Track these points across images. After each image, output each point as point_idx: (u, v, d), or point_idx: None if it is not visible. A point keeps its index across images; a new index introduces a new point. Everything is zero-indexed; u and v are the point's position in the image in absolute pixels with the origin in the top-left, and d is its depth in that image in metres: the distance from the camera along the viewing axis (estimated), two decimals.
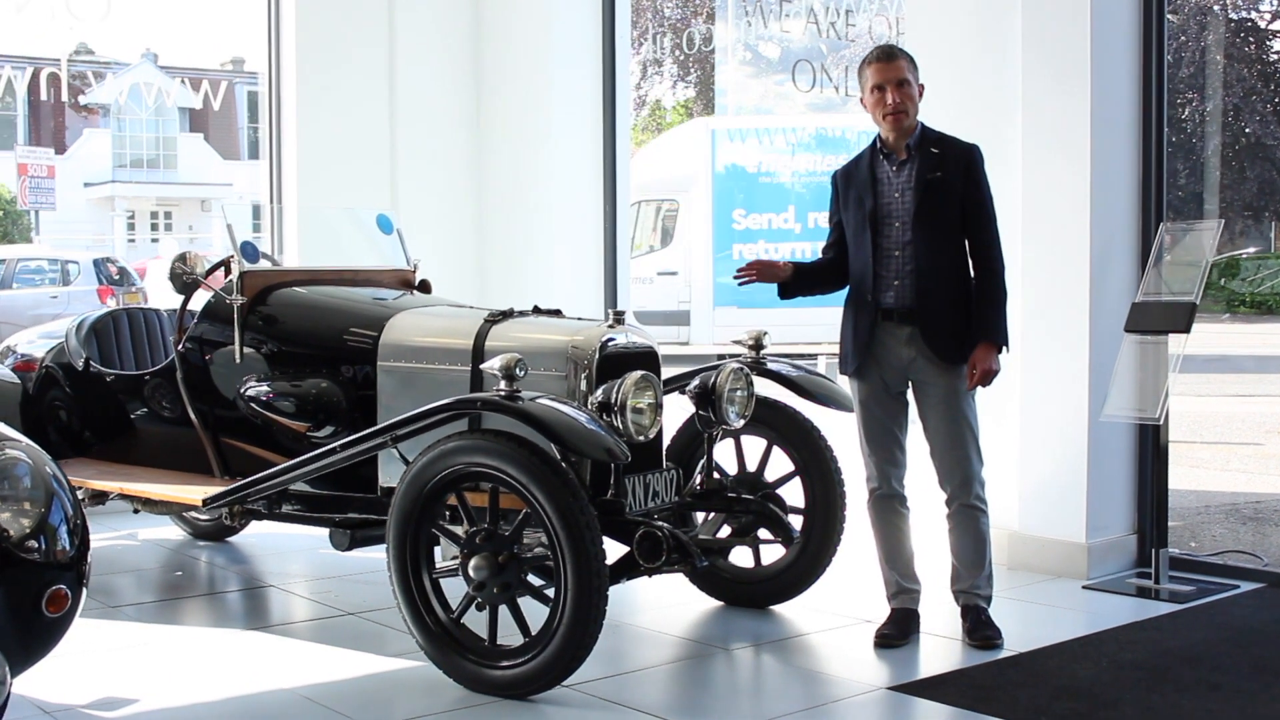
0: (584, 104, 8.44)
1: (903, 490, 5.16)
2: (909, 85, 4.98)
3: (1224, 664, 4.70)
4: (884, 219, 5.03)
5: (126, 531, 7.10)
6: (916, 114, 5.03)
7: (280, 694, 4.44)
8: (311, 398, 5.22)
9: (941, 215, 4.95)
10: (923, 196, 4.94)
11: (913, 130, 5.02)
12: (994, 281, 4.96)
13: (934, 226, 4.95)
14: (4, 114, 34.19)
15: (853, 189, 5.13)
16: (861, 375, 5.09)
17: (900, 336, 4.99)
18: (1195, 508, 8.11)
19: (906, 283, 4.97)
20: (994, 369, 4.88)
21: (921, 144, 5.01)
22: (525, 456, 4.22)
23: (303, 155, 8.17)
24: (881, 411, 5.09)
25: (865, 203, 5.05)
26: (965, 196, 4.97)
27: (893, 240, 5.01)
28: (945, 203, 4.95)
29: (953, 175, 4.95)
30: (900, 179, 5.00)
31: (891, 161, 5.04)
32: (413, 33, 8.44)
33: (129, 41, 41.20)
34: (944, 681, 4.53)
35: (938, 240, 4.95)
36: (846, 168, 5.22)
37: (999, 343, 4.91)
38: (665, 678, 4.70)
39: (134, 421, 5.95)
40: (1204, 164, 14.05)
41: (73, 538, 3.41)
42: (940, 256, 4.96)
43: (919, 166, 4.97)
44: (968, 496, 5.02)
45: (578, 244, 8.42)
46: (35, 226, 28.67)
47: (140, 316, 6.45)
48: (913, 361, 4.99)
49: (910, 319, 4.97)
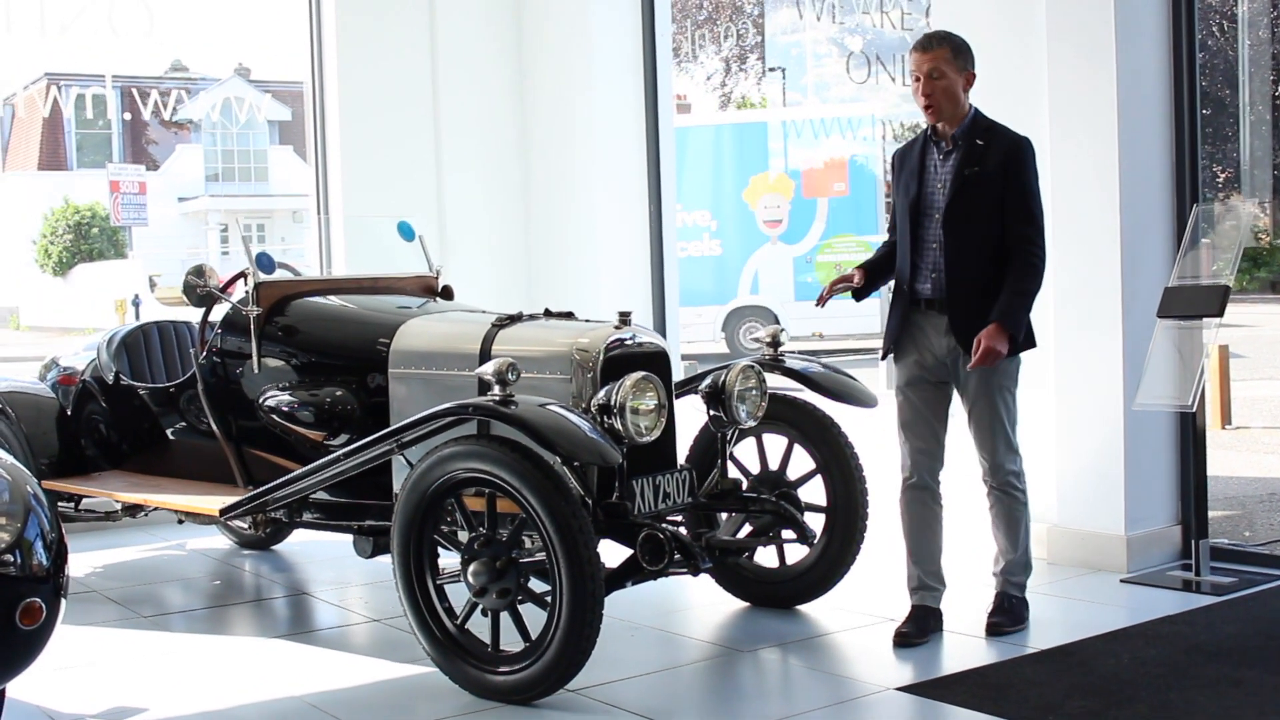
0: (627, 103, 8.41)
1: (936, 484, 5.09)
2: (943, 76, 4.87)
3: (1251, 659, 4.55)
4: (925, 210, 4.98)
5: (175, 541, 7.21)
6: (954, 105, 4.90)
7: (288, 701, 4.47)
8: (326, 406, 5.25)
9: (976, 211, 4.86)
10: (957, 192, 4.87)
11: (960, 119, 4.92)
12: (1024, 272, 4.85)
13: (966, 221, 4.87)
14: (100, 132, 35.01)
15: (904, 173, 5.09)
16: (900, 360, 5.07)
17: (939, 326, 4.95)
18: (1259, 496, 7.89)
19: (941, 276, 4.92)
20: (996, 349, 4.74)
21: (969, 134, 4.91)
22: (518, 461, 4.20)
23: (347, 164, 8.23)
24: (920, 400, 5.03)
25: (911, 190, 5.01)
26: (1006, 190, 4.85)
27: (931, 232, 4.96)
28: (980, 198, 4.85)
29: (992, 169, 4.85)
30: (945, 170, 4.94)
31: (939, 150, 4.98)
32: (454, 39, 8.46)
33: (221, 58, 41.88)
34: (956, 681, 4.44)
35: (969, 235, 4.87)
36: (902, 149, 5.17)
37: (1009, 329, 4.78)
38: (677, 681, 4.66)
39: (164, 433, 6.04)
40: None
41: (49, 552, 3.45)
42: (970, 251, 4.87)
43: (960, 159, 4.89)
44: (998, 482, 4.99)
45: (624, 244, 8.40)
46: (129, 242, 29.37)
47: (171, 329, 6.54)
48: (952, 349, 4.93)
49: (945, 309, 4.91)
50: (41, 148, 35.31)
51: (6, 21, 8.88)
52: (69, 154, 35.66)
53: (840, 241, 19.18)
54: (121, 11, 9.06)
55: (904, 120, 19.16)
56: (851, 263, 19.24)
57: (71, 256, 33.60)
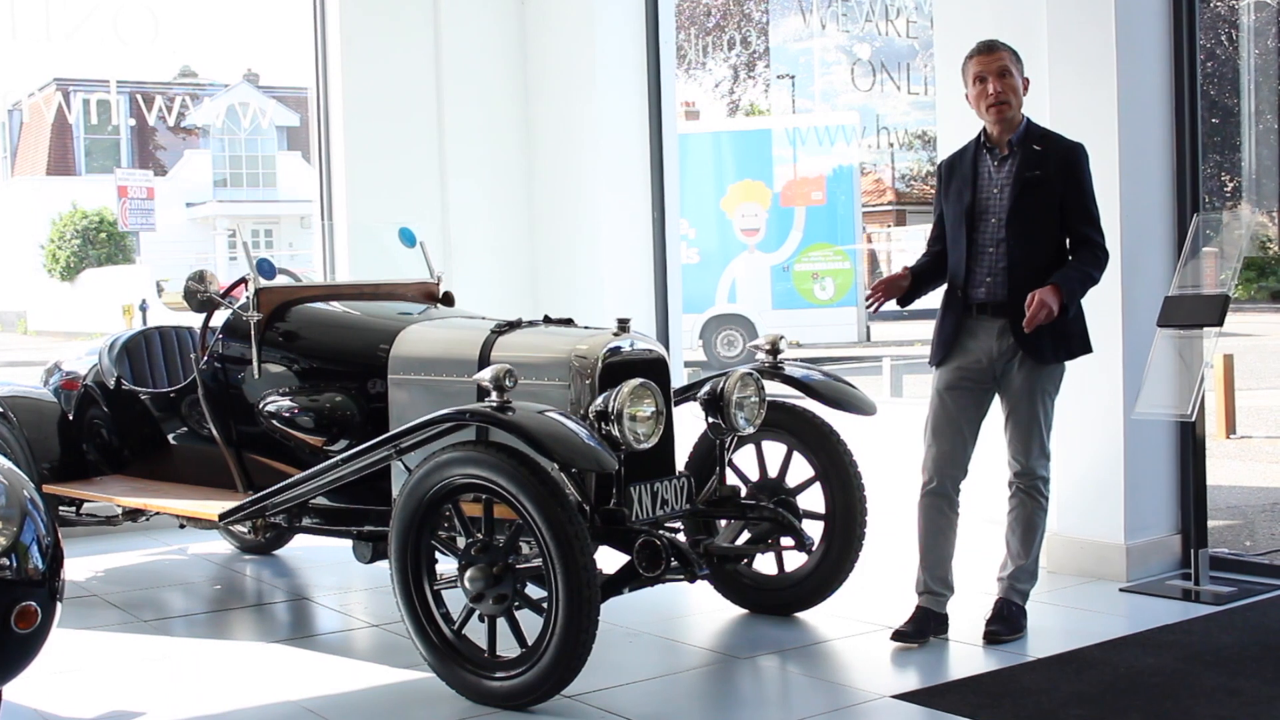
0: (630, 110, 8.43)
1: (956, 493, 5.09)
2: (1011, 76, 4.94)
3: (1248, 669, 4.54)
4: (981, 215, 5.00)
5: (176, 546, 7.22)
6: (1020, 107, 4.98)
7: (284, 706, 4.48)
8: (326, 412, 5.26)
9: (1039, 214, 4.91)
10: (1020, 194, 4.90)
11: (1017, 125, 4.98)
12: (1089, 260, 4.92)
13: (1030, 224, 4.91)
14: (109, 138, 35.09)
15: (954, 181, 5.11)
16: (944, 366, 5.07)
17: (992, 330, 4.96)
18: (1261, 506, 7.88)
19: (999, 280, 4.94)
20: (1049, 305, 4.75)
21: (1025, 140, 4.97)
22: (515, 467, 4.21)
23: (351, 170, 8.24)
24: (955, 406, 5.04)
25: (964, 197, 5.02)
26: (1065, 195, 4.92)
27: (988, 236, 4.98)
28: (1043, 201, 4.91)
29: (1053, 173, 4.91)
30: (1001, 175, 4.97)
31: (994, 156, 5.01)
32: (458, 45, 8.47)
33: (229, 63, 42.01)
34: (954, 688, 4.44)
35: (1034, 238, 4.91)
36: (951, 159, 5.20)
37: (1064, 295, 4.80)
38: (675, 687, 4.65)
39: (165, 438, 6.05)
40: None
41: (44, 556, 3.46)
42: (1035, 254, 4.91)
43: (1019, 164, 4.94)
44: (1026, 483, 5.01)
45: (627, 251, 8.40)
46: (137, 248, 29.41)
47: (172, 335, 6.55)
48: (1004, 353, 4.95)
49: (1002, 312, 4.92)
50: (50, 153, 35.40)
51: (12, 26, 8.93)
52: (77, 159, 35.75)
53: (817, 251, 19.25)
54: (127, 17, 9.10)
55: (908, 128, 19.18)
56: (828, 272, 19.32)
57: (79, 261, 33.69)
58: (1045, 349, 4.91)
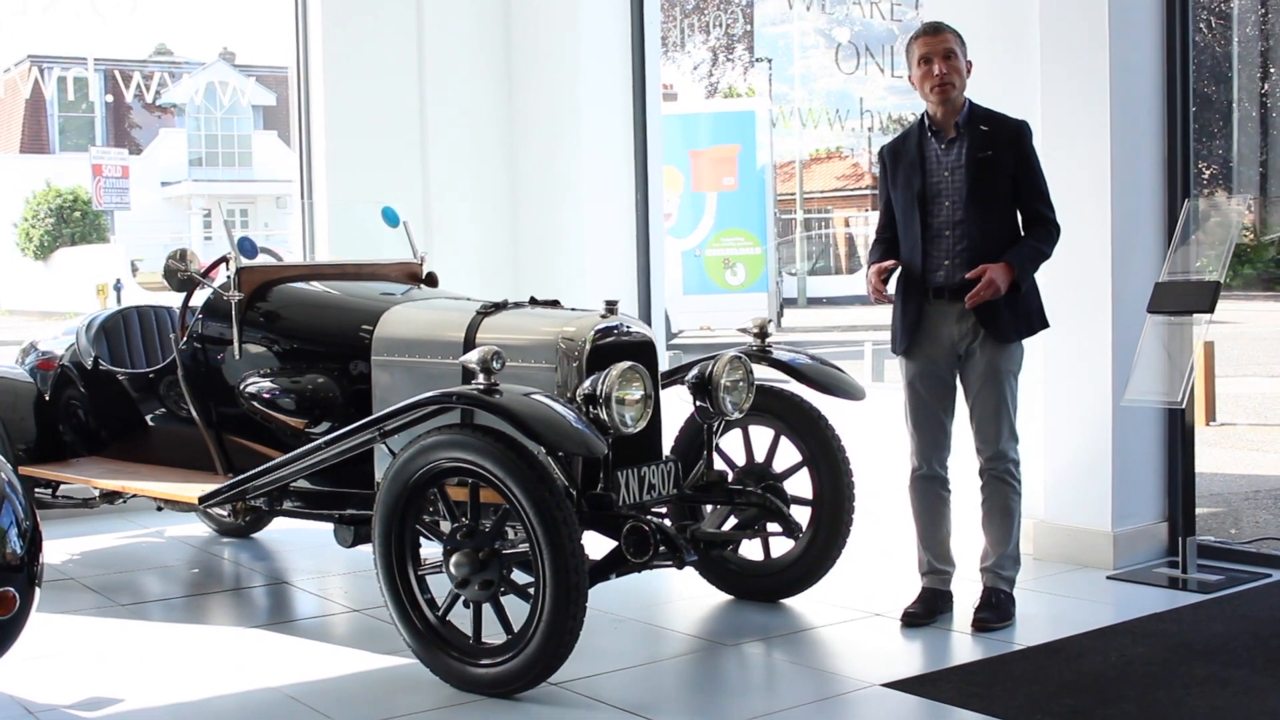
0: (614, 90, 8.34)
1: (945, 473, 5.12)
2: (956, 58, 4.93)
3: (1239, 658, 4.51)
4: (933, 198, 4.98)
5: (154, 528, 7.13)
6: (964, 89, 4.98)
7: (266, 693, 4.41)
8: (308, 394, 5.19)
9: (994, 194, 4.91)
10: (976, 175, 4.89)
11: (961, 107, 4.97)
12: (1043, 236, 4.96)
13: (988, 205, 4.90)
14: (83, 115, 34.82)
15: (901, 167, 5.08)
16: (910, 355, 5.07)
17: (950, 315, 4.95)
18: (1244, 492, 7.87)
19: (957, 262, 4.92)
20: (996, 283, 4.77)
21: (970, 122, 4.96)
22: (502, 451, 4.14)
23: (331, 149, 8.15)
24: (928, 393, 5.04)
25: (914, 182, 5.00)
26: (1017, 173, 4.93)
27: (943, 219, 4.96)
28: (998, 181, 4.91)
29: (1003, 153, 4.91)
30: (949, 158, 4.95)
31: (940, 139, 4.99)
32: (441, 23, 8.37)
33: (206, 42, 41.71)
34: (943, 677, 4.40)
35: (992, 218, 4.90)
36: (893, 144, 5.17)
37: (1015, 272, 4.84)
38: (660, 675, 4.61)
39: (144, 419, 5.96)
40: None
41: (23, 540, 3.39)
42: (993, 235, 4.91)
43: (969, 145, 4.92)
44: (998, 468, 4.99)
45: (611, 232, 8.33)
46: (111, 226, 29.17)
47: (151, 314, 6.45)
48: (963, 337, 4.95)
49: (961, 296, 4.90)
50: (23, 130, 35.11)
51: None
52: (51, 137, 35.46)
53: (729, 237, 19.24)
54: None
55: (890, 112, 19.17)
56: (740, 258, 19.36)
57: (53, 240, 33.43)
58: (1007, 327, 4.91)
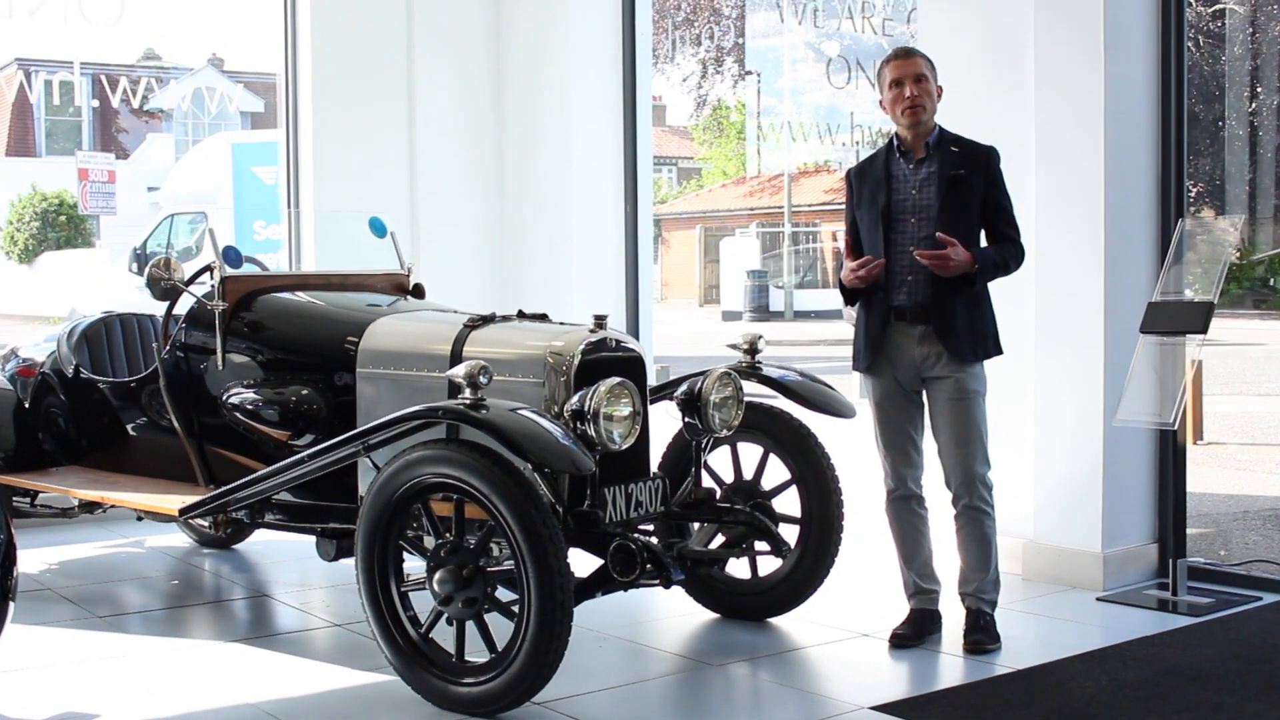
0: (604, 101, 8.29)
1: (920, 490, 5.09)
2: (927, 81, 4.94)
3: (1231, 683, 4.47)
4: (898, 216, 4.96)
5: (134, 539, 7.04)
6: (934, 112, 4.98)
7: (243, 709, 4.33)
8: (292, 405, 5.11)
9: (963, 212, 4.90)
10: (948, 193, 4.87)
11: (930, 130, 4.98)
12: (1010, 250, 4.95)
13: (957, 222, 4.86)
14: (70, 119, 34.63)
15: (866, 186, 5.06)
16: (874, 373, 5.04)
17: (913, 335, 4.92)
18: (1233, 513, 7.83)
19: (921, 279, 4.88)
20: (951, 259, 4.74)
21: (940, 144, 4.97)
22: (487, 467, 4.07)
23: (319, 157, 8.07)
24: (895, 411, 5.02)
25: (879, 199, 4.98)
26: (986, 196, 4.93)
27: (907, 236, 4.94)
28: (967, 201, 4.90)
29: (974, 174, 4.92)
30: (918, 175, 4.94)
31: (909, 160, 4.97)
32: (431, 32, 8.32)
33: (194, 47, 41.54)
34: (932, 700, 4.34)
35: (956, 236, 4.82)
36: (861, 165, 5.17)
37: (976, 262, 4.80)
38: (645, 695, 4.54)
39: (125, 429, 5.88)
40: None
41: None
42: None
43: (940, 163, 4.92)
44: (971, 497, 4.95)
45: (599, 245, 8.27)
46: (97, 231, 28.96)
47: (134, 322, 6.37)
48: (925, 359, 4.92)
49: (923, 318, 4.89)
50: (9, 133, 34.88)
51: None
52: (37, 140, 35.20)
53: None
54: None
55: (882, 127, 19.13)
56: None
57: (38, 244, 33.18)
58: (964, 349, 4.88)
